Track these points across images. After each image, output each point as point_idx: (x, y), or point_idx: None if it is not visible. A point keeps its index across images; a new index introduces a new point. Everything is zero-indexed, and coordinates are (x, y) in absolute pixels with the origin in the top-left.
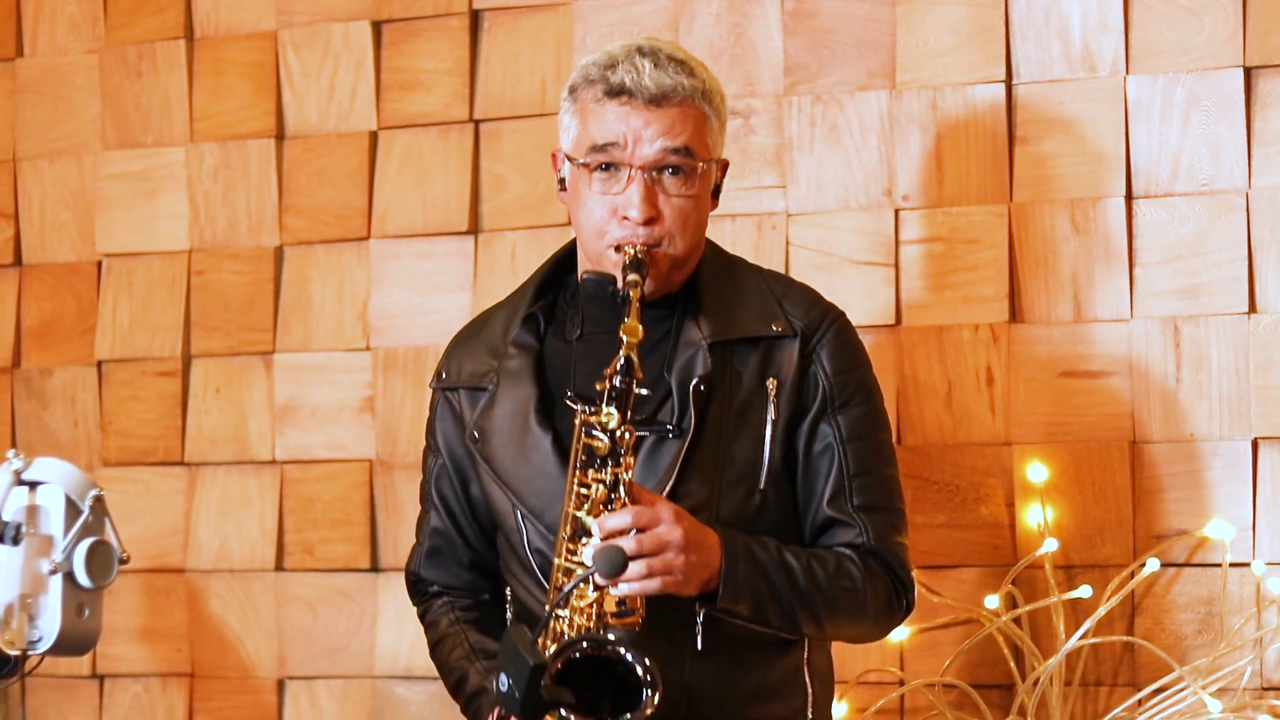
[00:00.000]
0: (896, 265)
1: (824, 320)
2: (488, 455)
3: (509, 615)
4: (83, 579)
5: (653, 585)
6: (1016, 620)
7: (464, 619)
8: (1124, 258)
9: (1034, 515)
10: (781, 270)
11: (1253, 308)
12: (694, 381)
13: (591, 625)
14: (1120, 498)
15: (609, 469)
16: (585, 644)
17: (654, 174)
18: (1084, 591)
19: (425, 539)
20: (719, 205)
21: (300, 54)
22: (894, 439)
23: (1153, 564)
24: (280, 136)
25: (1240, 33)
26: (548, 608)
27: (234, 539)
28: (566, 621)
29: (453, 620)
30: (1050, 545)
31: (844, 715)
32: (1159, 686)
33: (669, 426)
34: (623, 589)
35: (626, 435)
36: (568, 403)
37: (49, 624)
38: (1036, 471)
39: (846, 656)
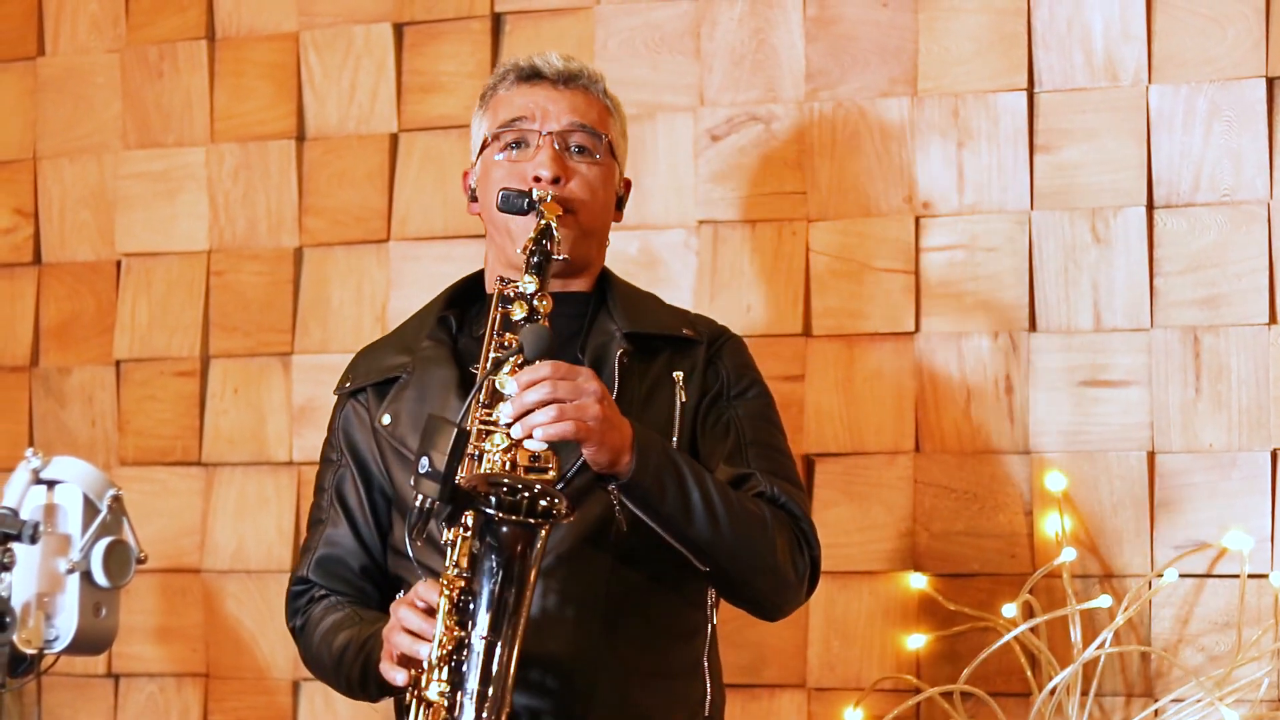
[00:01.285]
0: (916, 272)
1: (725, 333)
2: (400, 436)
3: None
4: (100, 578)
5: (566, 428)
6: (1034, 629)
7: (343, 604)
8: (1144, 267)
9: (1052, 524)
10: (801, 275)
11: (1273, 319)
12: (618, 352)
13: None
14: (1138, 508)
15: (520, 333)
16: (502, 481)
17: (562, 144)
18: (1102, 601)
19: (318, 545)
20: (623, 219)
21: (321, 55)
22: (788, 444)
23: (1171, 574)
24: (301, 138)
25: (1263, 43)
26: (464, 409)
27: (250, 540)
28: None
29: (332, 603)
30: (1068, 554)
31: None
32: (1176, 697)
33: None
34: (537, 426)
35: (544, 303)
36: (473, 372)
37: (66, 623)
38: (1055, 480)
39: (863, 663)
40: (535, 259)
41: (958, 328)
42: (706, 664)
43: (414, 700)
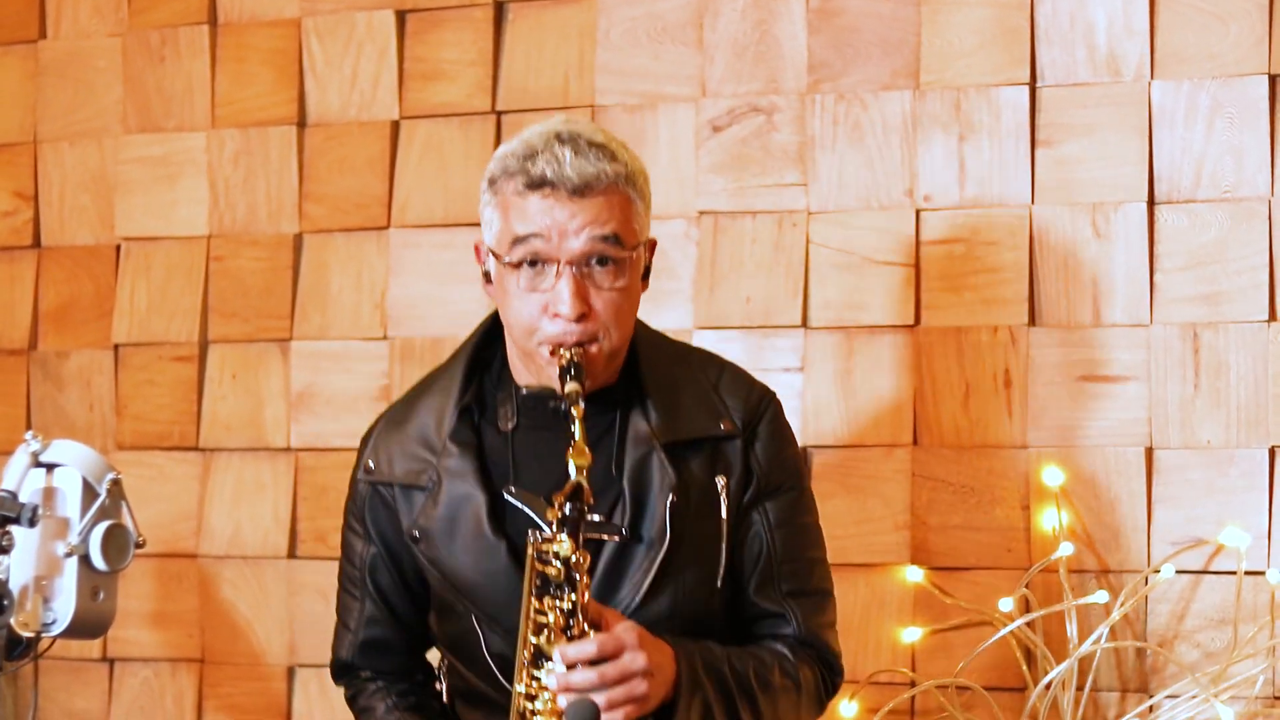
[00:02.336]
0: (917, 265)
1: (759, 407)
2: (434, 558)
3: (443, 691)
4: (98, 562)
5: (618, 717)
6: (1030, 624)
7: (401, 704)
8: (1145, 263)
9: (1049, 519)
10: (801, 266)
11: (1273, 316)
12: (668, 497)
13: None
14: (1136, 503)
15: (565, 595)
16: None
17: (583, 267)
18: (1099, 596)
19: (359, 628)
20: (648, 288)
21: (323, 42)
22: (819, 519)
23: (1167, 570)
24: (302, 124)
25: (1266, 39)
26: (520, 685)
27: (247, 525)
28: None
29: (390, 706)
30: (1065, 549)
31: (855, 715)
32: (1171, 693)
33: (623, 530)
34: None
35: (581, 560)
36: (508, 498)
37: (63, 606)
38: (1053, 475)
39: (859, 655)
40: (567, 515)
41: (957, 321)
42: None
43: None
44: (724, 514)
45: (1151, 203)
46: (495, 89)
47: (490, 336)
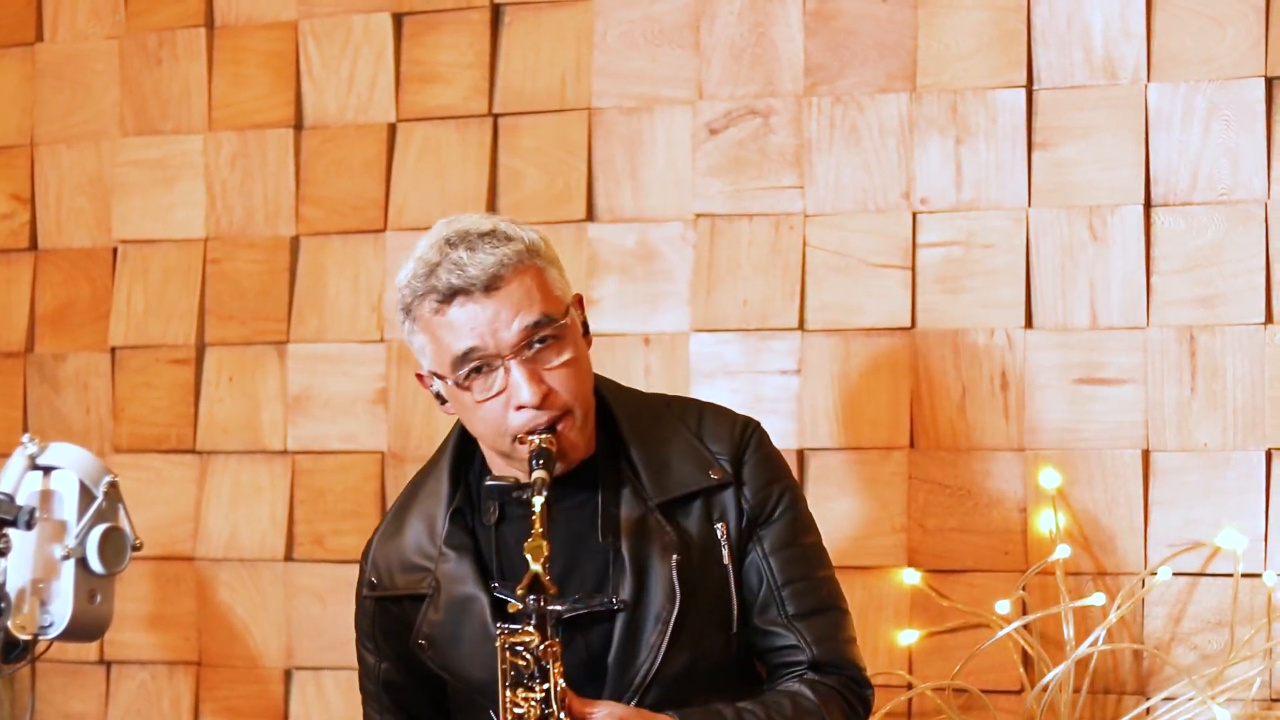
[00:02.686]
0: (913, 268)
1: (742, 442)
2: (443, 664)
3: None
4: (95, 565)
5: None
6: (1027, 626)
7: None
8: (1141, 265)
9: (1046, 521)
10: (798, 269)
11: (1269, 318)
12: (673, 558)
13: None
14: (1133, 506)
15: (538, 685)
16: None
17: (525, 353)
18: (1096, 599)
19: None
20: (592, 343)
21: (320, 45)
22: (821, 540)
23: (1164, 573)
24: (299, 127)
25: (1263, 42)
26: None
27: (244, 528)
28: None
29: None
30: (1062, 552)
31: None
32: (1168, 695)
33: (613, 601)
34: None
35: (550, 649)
36: (496, 594)
37: (60, 609)
38: (1049, 478)
39: None
40: (531, 605)
41: (954, 324)
42: None
43: None
44: (726, 560)
45: (1148, 205)
46: (492, 92)
47: (467, 436)
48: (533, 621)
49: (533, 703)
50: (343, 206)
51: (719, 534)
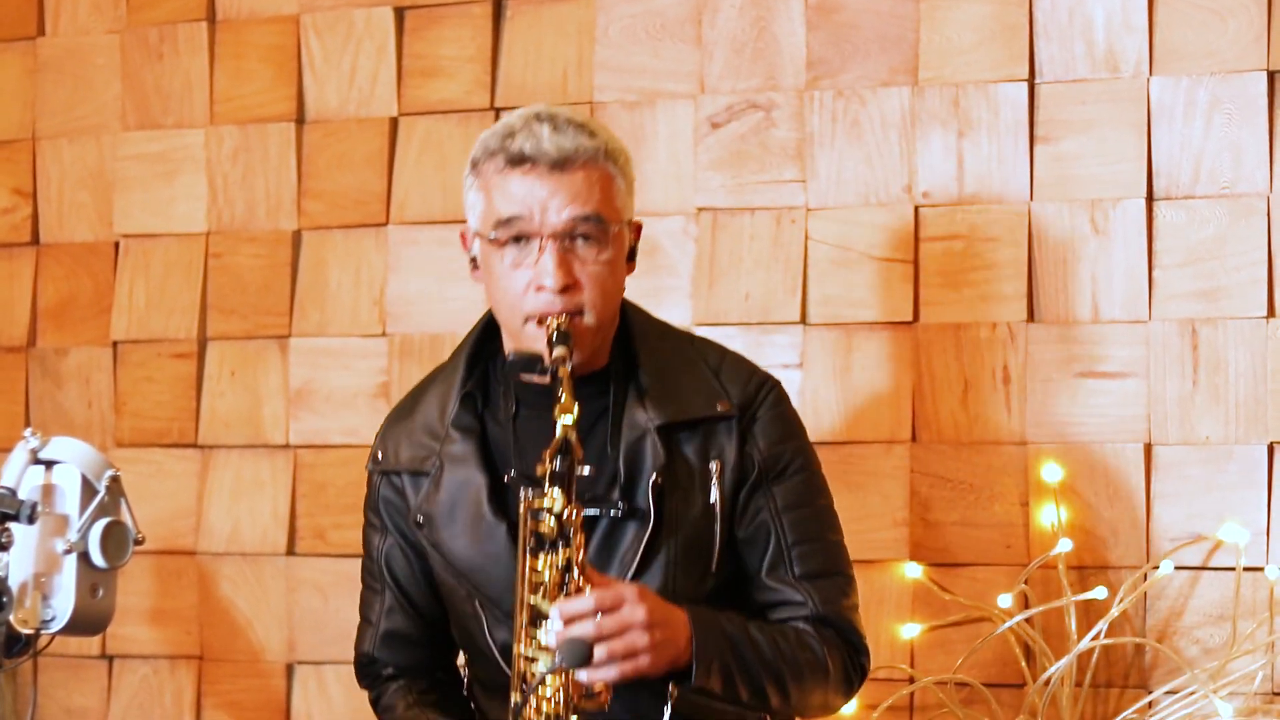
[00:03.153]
0: (916, 262)
1: (759, 393)
2: (436, 541)
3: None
4: (98, 559)
5: (615, 671)
6: (1029, 620)
7: (423, 701)
8: (1143, 259)
9: (1048, 515)
10: (800, 263)
11: (1271, 312)
12: (651, 475)
13: (561, 713)
14: (1135, 499)
15: (560, 551)
16: None
17: (566, 241)
18: (1098, 593)
19: (379, 620)
20: (635, 269)
21: (322, 38)
22: (834, 504)
23: (1166, 567)
24: (300, 121)
25: (1265, 36)
26: (515, 699)
27: (246, 522)
28: (535, 709)
29: (410, 704)
30: (1064, 545)
31: (854, 712)
32: (1170, 689)
33: (619, 505)
34: (587, 676)
35: (573, 515)
36: (508, 484)
37: (63, 603)
38: (1051, 471)
39: None
40: (558, 470)
41: (956, 318)
42: None
43: None
44: (715, 498)
45: (1150, 199)
46: (494, 85)
47: (490, 329)
48: (559, 485)
49: (553, 569)
50: (344, 201)
51: (713, 470)
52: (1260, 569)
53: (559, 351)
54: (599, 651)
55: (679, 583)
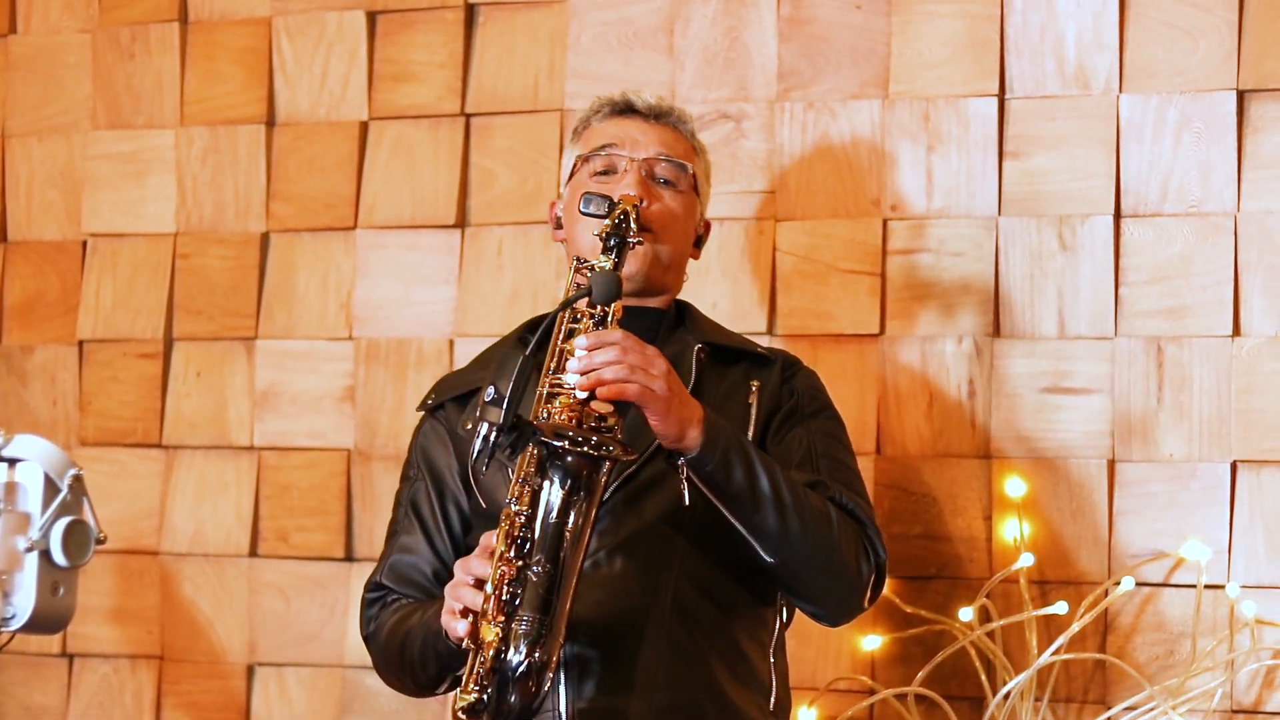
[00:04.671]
0: (883, 275)
1: (800, 362)
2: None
3: None
4: (59, 558)
5: (630, 388)
6: (989, 634)
7: (413, 605)
8: (1110, 276)
9: (1010, 530)
10: (768, 273)
11: (1237, 331)
12: (696, 348)
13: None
14: (1097, 515)
15: (598, 309)
16: (566, 433)
17: (649, 171)
18: (1059, 608)
19: (393, 552)
20: (700, 258)
21: (294, 41)
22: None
23: (1127, 583)
24: (271, 123)
25: (1235, 55)
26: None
27: (209, 523)
28: (549, 418)
29: (401, 605)
30: (1026, 560)
31: None
32: (1130, 705)
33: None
34: (603, 382)
35: (616, 312)
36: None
37: (23, 601)
38: (1014, 486)
39: (818, 663)
40: (613, 241)
41: (922, 331)
42: (773, 660)
43: (472, 650)
44: (754, 410)
45: (1118, 216)
46: (465, 91)
47: (540, 316)
48: (615, 253)
49: (590, 319)
50: (313, 204)
51: (752, 388)
52: (1221, 587)
53: (627, 194)
54: (618, 369)
55: None
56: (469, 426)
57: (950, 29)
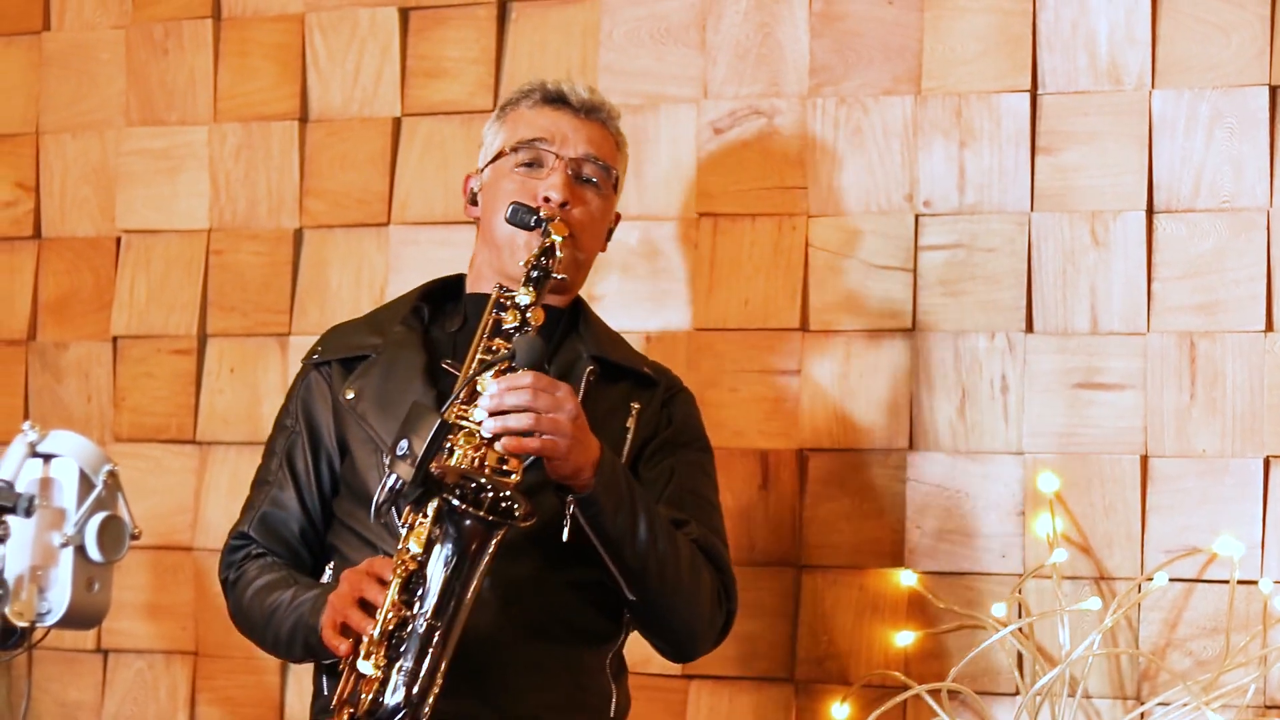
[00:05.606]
0: (915, 270)
1: (679, 385)
2: (363, 412)
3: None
4: (94, 553)
5: (534, 444)
6: (1022, 629)
7: (275, 565)
8: (1143, 271)
9: (1043, 525)
10: (800, 270)
11: (1269, 326)
12: (587, 369)
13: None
14: (1130, 511)
15: (514, 342)
16: (471, 478)
17: (575, 171)
18: (1092, 603)
19: (262, 504)
20: (607, 249)
21: (327, 37)
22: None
23: (1160, 579)
24: (304, 119)
25: (1267, 51)
26: (447, 405)
27: None
28: (455, 462)
29: (267, 563)
30: (1059, 556)
31: (847, 718)
32: (1162, 700)
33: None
34: (510, 434)
35: (536, 317)
36: (445, 367)
37: (58, 597)
38: (1047, 481)
39: (851, 659)
40: (535, 274)
41: (955, 327)
42: (610, 670)
43: (346, 669)
44: (630, 434)
45: (1150, 211)
46: (497, 88)
47: (451, 282)
48: (534, 284)
49: (505, 352)
50: (346, 200)
51: (632, 409)
52: (1254, 582)
53: (549, 211)
54: (525, 417)
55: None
56: (349, 396)
57: (982, 24)
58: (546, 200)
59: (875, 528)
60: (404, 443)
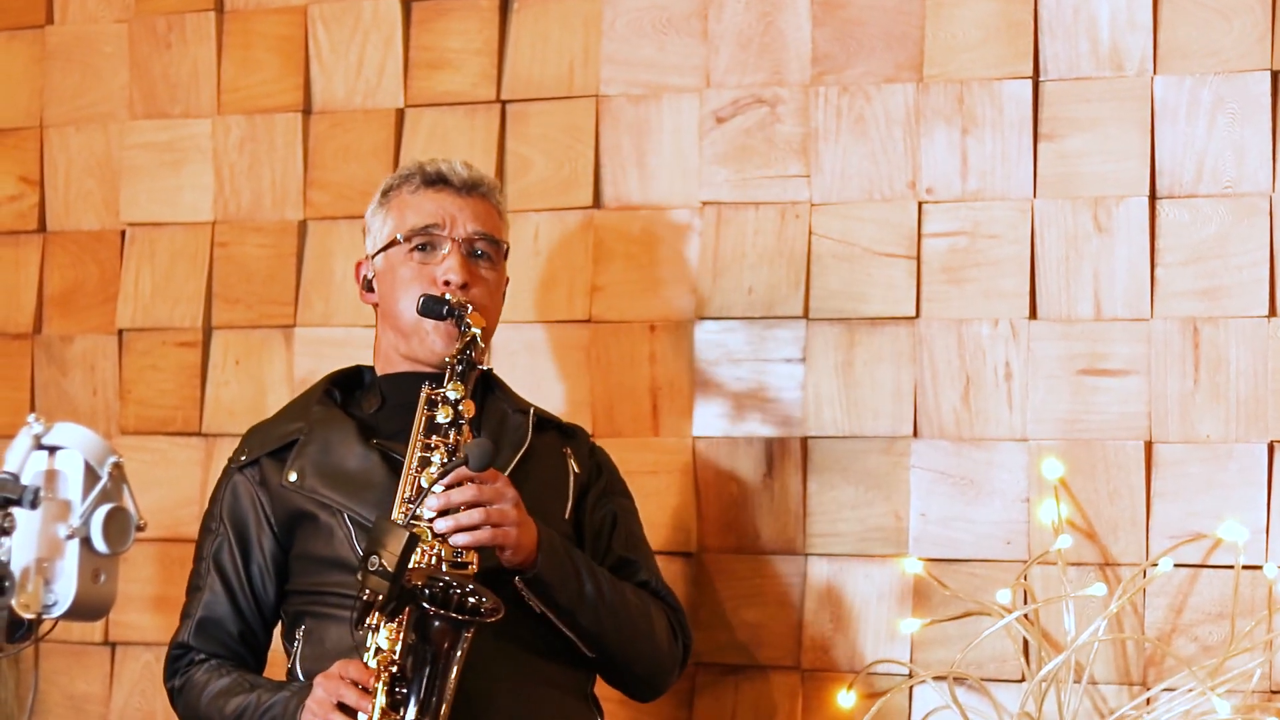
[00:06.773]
0: (918, 258)
1: (588, 436)
2: (310, 487)
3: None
4: (100, 545)
5: (486, 535)
6: (1028, 616)
7: (225, 666)
8: (1146, 257)
9: (1048, 512)
10: (803, 258)
11: (1273, 311)
12: (519, 449)
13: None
14: (1134, 497)
15: (450, 436)
16: (438, 579)
17: (468, 249)
18: (1097, 589)
19: (197, 611)
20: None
21: (330, 29)
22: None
23: (1165, 564)
24: (307, 111)
25: (1269, 35)
26: (400, 514)
27: None
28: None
29: (214, 666)
30: (1064, 541)
31: (853, 705)
32: (1168, 686)
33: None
34: (463, 530)
35: (467, 411)
36: (376, 445)
37: (64, 589)
38: (1052, 468)
39: (857, 647)
40: (460, 367)
41: (958, 314)
42: (590, 698)
43: None
44: (572, 470)
45: (1153, 197)
46: (500, 78)
47: (356, 373)
48: (460, 378)
49: (444, 449)
50: (350, 191)
51: (568, 454)
52: (1259, 567)
53: (460, 296)
54: (474, 514)
55: (541, 519)
56: (292, 478)
57: (984, 11)
58: (447, 283)
59: (880, 515)
60: (375, 558)
